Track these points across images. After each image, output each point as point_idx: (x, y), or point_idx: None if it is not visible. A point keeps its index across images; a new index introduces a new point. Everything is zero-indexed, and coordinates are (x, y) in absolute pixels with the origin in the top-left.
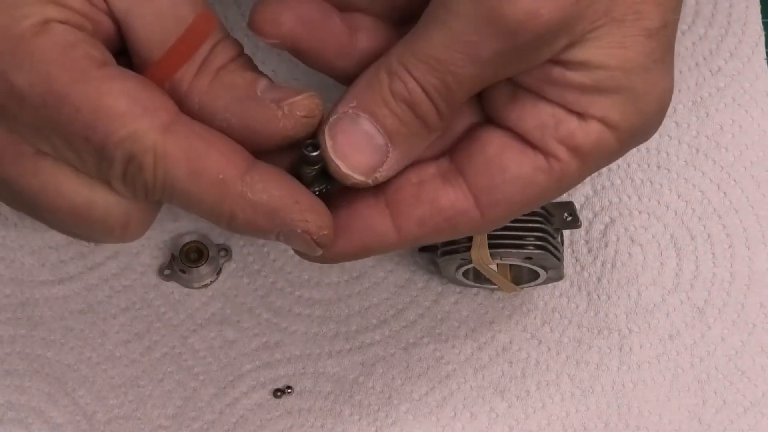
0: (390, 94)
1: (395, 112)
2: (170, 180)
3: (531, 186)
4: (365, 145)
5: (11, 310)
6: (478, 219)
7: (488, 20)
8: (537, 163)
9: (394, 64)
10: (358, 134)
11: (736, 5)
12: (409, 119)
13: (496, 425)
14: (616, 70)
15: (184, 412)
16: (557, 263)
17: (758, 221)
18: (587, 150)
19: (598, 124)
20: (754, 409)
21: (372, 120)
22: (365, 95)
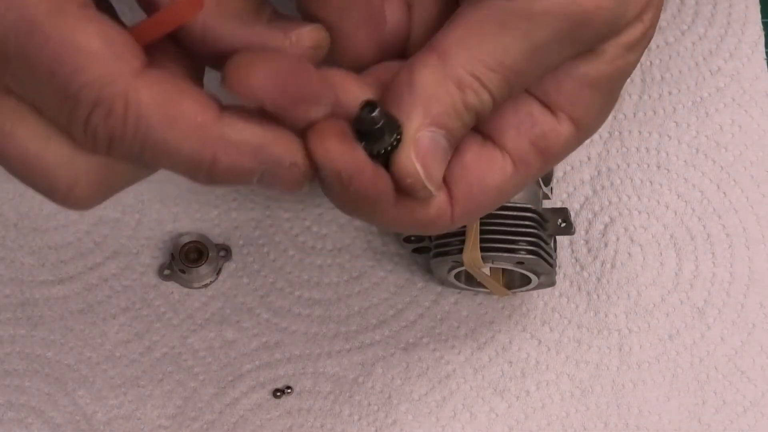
0: (463, 107)
1: (465, 122)
2: (143, 128)
3: (500, 193)
4: (442, 158)
5: (11, 310)
6: (448, 221)
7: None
8: (506, 169)
9: (465, 75)
10: (439, 152)
11: (736, 5)
12: (473, 123)
13: (496, 425)
14: (618, 70)
15: (184, 412)
16: (549, 269)
17: (758, 221)
18: (553, 152)
19: (570, 125)
20: (754, 409)
21: (447, 135)
22: (438, 109)
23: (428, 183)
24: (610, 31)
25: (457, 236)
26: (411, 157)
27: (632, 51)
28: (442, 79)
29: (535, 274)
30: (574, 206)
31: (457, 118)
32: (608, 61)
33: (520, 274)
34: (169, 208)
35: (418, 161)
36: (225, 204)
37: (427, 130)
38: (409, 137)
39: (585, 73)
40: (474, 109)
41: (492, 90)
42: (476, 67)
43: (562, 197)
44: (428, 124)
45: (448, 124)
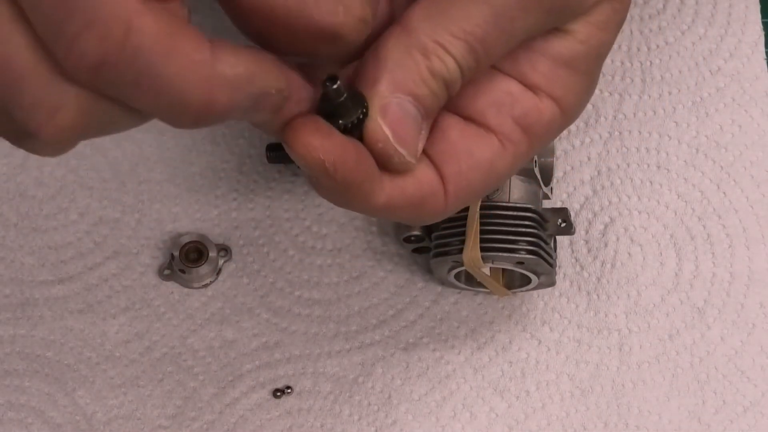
0: (429, 74)
1: (434, 90)
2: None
3: (491, 173)
4: (415, 128)
5: (11, 310)
6: (442, 203)
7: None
8: (494, 147)
9: (429, 42)
10: (408, 119)
11: (736, 5)
12: (443, 95)
13: (496, 425)
14: (592, 50)
15: (183, 412)
16: (549, 269)
17: (758, 221)
18: (539, 132)
19: (552, 103)
20: (754, 409)
21: (414, 102)
22: (403, 76)
23: (400, 147)
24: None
25: (457, 236)
26: (378, 122)
27: (604, 30)
28: (406, 48)
29: (535, 274)
30: (574, 206)
31: (423, 85)
32: (581, 41)
33: (520, 274)
34: (169, 208)
35: (387, 126)
36: (225, 204)
37: (393, 97)
38: (376, 104)
39: (558, 52)
40: (441, 77)
41: (457, 57)
42: (440, 34)
43: (562, 197)
44: (394, 90)
45: (415, 91)
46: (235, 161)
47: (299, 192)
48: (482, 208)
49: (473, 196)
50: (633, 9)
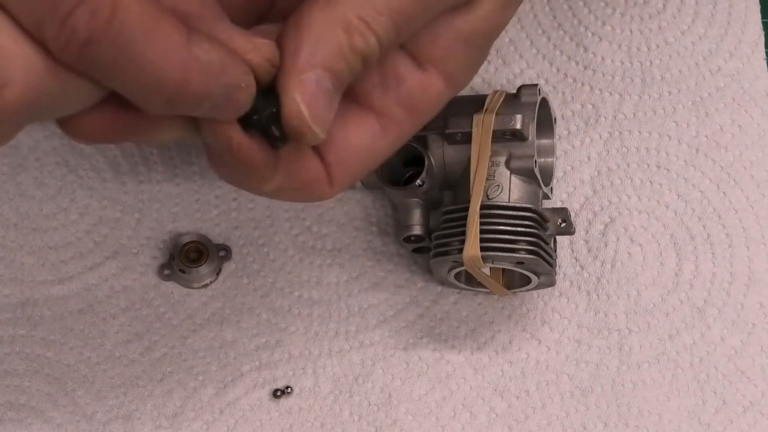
0: (349, 50)
1: (351, 65)
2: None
3: (372, 154)
4: (330, 103)
5: (11, 310)
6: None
7: None
8: (374, 128)
9: (352, 18)
10: (324, 94)
11: (735, 5)
12: (359, 69)
13: (496, 425)
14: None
15: (183, 412)
16: (549, 269)
17: (758, 221)
18: (423, 108)
19: (440, 80)
20: (754, 408)
21: (332, 77)
22: (323, 51)
23: (314, 125)
24: None
25: (457, 236)
26: (296, 99)
27: (507, 7)
28: (329, 22)
29: (535, 274)
30: (574, 206)
31: (343, 61)
32: (484, 17)
33: (520, 274)
34: (169, 208)
35: (303, 102)
36: (225, 204)
37: (312, 72)
38: (294, 78)
39: (461, 28)
40: (361, 53)
41: (380, 34)
42: (365, 10)
43: (562, 197)
44: (313, 65)
45: (334, 67)
46: None
47: None
48: (482, 208)
49: (357, 177)
50: (633, 9)
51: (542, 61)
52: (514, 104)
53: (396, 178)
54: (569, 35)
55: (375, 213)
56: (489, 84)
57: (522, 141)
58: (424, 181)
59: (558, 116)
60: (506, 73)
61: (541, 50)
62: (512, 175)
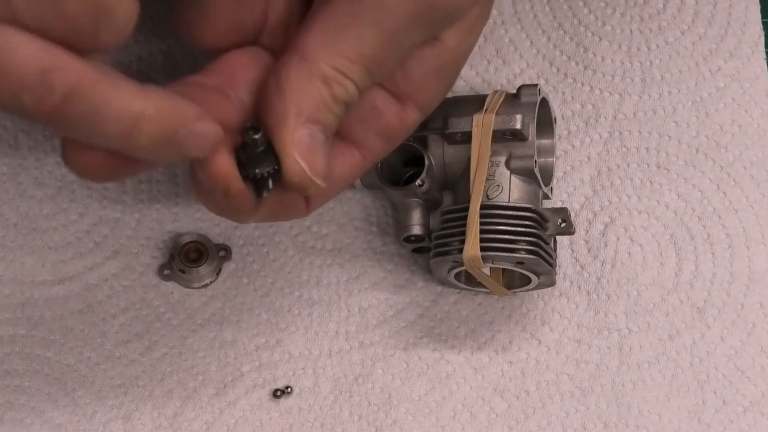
0: (333, 101)
1: (336, 113)
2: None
3: (349, 179)
4: (323, 152)
5: (11, 310)
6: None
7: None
8: (354, 159)
9: (328, 70)
10: (319, 147)
11: (736, 5)
12: (344, 114)
13: (496, 425)
14: (460, 55)
15: (183, 412)
16: (549, 269)
17: (758, 221)
18: (399, 136)
19: (415, 110)
20: (754, 408)
21: (322, 129)
22: (309, 107)
23: (315, 177)
24: (455, 11)
25: (457, 236)
26: (295, 158)
27: (471, 33)
28: (307, 78)
29: (535, 274)
30: (574, 206)
31: (328, 111)
32: (452, 48)
33: (520, 274)
34: (169, 208)
35: (303, 160)
36: None
37: (303, 128)
38: (289, 138)
39: (432, 63)
40: (342, 101)
41: (356, 80)
42: (338, 60)
43: (562, 197)
44: (303, 122)
45: (321, 119)
46: None
47: None
48: (482, 208)
49: (329, 198)
50: (633, 9)
51: (542, 61)
52: (514, 104)
53: (396, 178)
54: (569, 35)
55: (375, 213)
56: (489, 84)
57: (522, 141)
58: (424, 181)
59: (558, 116)
60: (506, 73)
61: (541, 50)
62: (512, 175)
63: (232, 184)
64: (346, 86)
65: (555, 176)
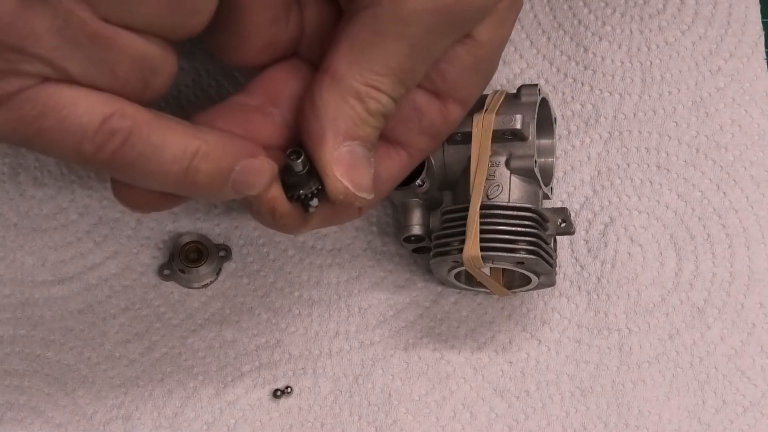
0: (368, 115)
1: (374, 126)
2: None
3: (397, 179)
4: (368, 167)
5: (11, 310)
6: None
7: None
8: (401, 159)
9: (360, 87)
10: (362, 162)
11: (735, 5)
12: (382, 125)
13: (496, 425)
14: (494, 49)
15: (183, 412)
16: (549, 269)
17: (758, 221)
18: (444, 132)
19: (456, 106)
20: (754, 409)
21: (362, 143)
22: (346, 124)
23: (359, 192)
24: (480, 11)
25: (457, 236)
26: (337, 177)
27: (503, 26)
28: (341, 97)
29: (535, 274)
30: (574, 206)
31: (365, 125)
32: (485, 43)
33: (520, 274)
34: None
35: (345, 178)
36: (225, 204)
37: (342, 146)
38: (329, 158)
39: (465, 60)
40: (378, 113)
41: (388, 92)
42: (368, 76)
43: (562, 197)
44: (341, 140)
45: (360, 134)
46: None
47: None
48: (482, 208)
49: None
50: (633, 9)
51: (542, 61)
52: (514, 104)
53: None
54: (569, 35)
55: (375, 213)
56: (489, 84)
57: (522, 141)
58: (424, 181)
59: (558, 116)
60: (506, 73)
61: (541, 50)
62: (512, 175)
63: (278, 207)
64: (379, 99)
65: (555, 176)
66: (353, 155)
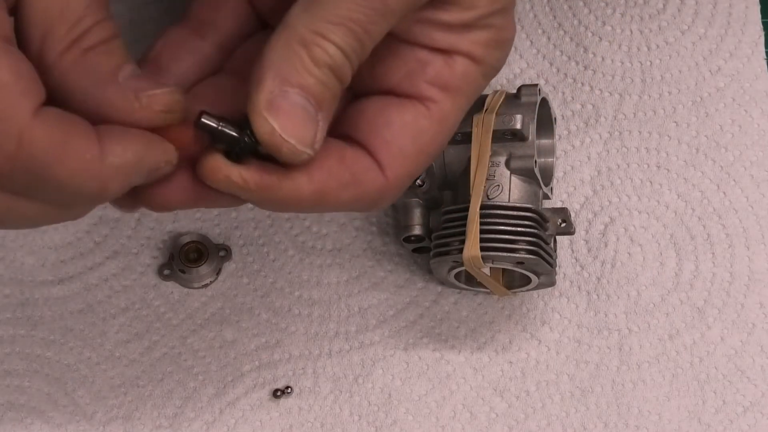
0: (312, 63)
1: (320, 78)
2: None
3: (419, 134)
4: (305, 118)
5: (11, 310)
6: (381, 178)
7: None
8: (416, 109)
9: (306, 33)
10: (296, 109)
11: (736, 5)
12: (332, 82)
13: (496, 425)
14: (484, 10)
15: (183, 412)
16: (549, 269)
17: (758, 221)
18: (456, 85)
19: (464, 60)
20: (754, 409)
21: (302, 92)
22: (286, 69)
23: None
24: None
25: (457, 236)
26: (263, 115)
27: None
28: (287, 43)
29: (535, 274)
30: (574, 206)
31: (307, 74)
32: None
33: (520, 274)
34: None
35: (272, 118)
36: None
37: (278, 91)
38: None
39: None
40: (324, 63)
41: (336, 41)
42: (317, 24)
43: (562, 197)
44: (279, 84)
45: (300, 82)
46: None
47: None
48: (482, 208)
49: (412, 164)
50: (633, 9)
51: (542, 61)
52: (514, 104)
53: None
54: (569, 35)
55: (375, 213)
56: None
57: (522, 141)
58: (424, 181)
59: (558, 116)
60: (506, 73)
61: (541, 50)
62: (512, 175)
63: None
64: (325, 48)
65: (555, 176)
66: (289, 101)
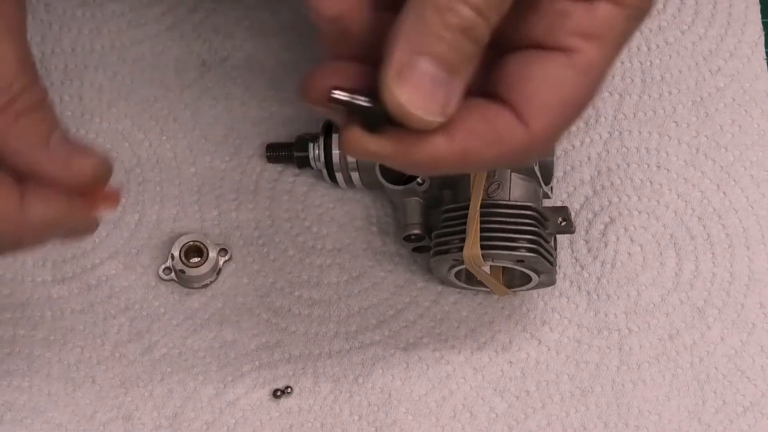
0: (443, 28)
1: (452, 43)
2: None
3: (563, 85)
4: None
5: (11, 310)
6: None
7: None
8: (559, 61)
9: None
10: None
11: (736, 5)
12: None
13: (496, 425)
14: None
15: (183, 412)
16: (549, 267)
17: (758, 221)
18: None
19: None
20: (754, 409)
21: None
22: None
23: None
24: None
25: (457, 234)
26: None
27: None
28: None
29: (536, 272)
30: (574, 206)
31: (438, 41)
32: None
33: (520, 272)
34: (169, 208)
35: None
36: (225, 204)
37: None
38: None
39: None
40: (459, 29)
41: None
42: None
43: (562, 197)
44: (408, 54)
45: (430, 49)
46: (235, 161)
47: (299, 192)
48: (483, 207)
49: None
50: None
51: None
52: None
53: (396, 177)
54: None
55: (375, 213)
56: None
57: None
58: (424, 179)
59: None
60: None
61: None
62: (512, 173)
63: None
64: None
65: (555, 176)
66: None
